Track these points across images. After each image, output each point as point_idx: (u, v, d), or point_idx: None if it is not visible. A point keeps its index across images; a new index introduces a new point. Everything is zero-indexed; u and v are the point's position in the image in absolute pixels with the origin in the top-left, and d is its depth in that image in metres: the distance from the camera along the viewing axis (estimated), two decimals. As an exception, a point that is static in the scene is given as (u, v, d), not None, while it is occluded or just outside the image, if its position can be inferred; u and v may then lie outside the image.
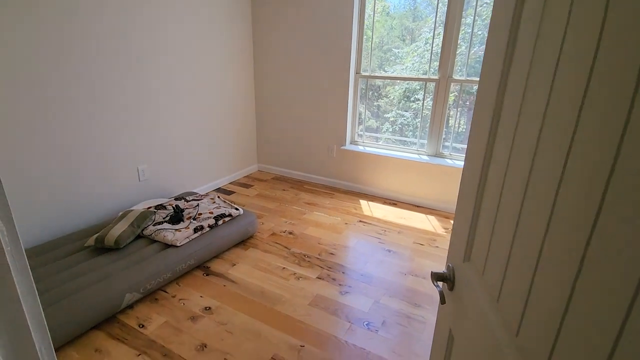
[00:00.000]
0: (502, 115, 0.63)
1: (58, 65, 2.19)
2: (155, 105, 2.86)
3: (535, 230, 0.48)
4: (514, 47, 0.60)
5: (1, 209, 0.43)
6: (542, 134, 0.48)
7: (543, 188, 0.47)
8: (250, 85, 3.87)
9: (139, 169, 2.82)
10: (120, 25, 2.49)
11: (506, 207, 0.58)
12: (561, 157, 0.43)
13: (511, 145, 0.58)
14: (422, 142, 3.35)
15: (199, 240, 2.29)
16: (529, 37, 0.54)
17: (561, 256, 0.41)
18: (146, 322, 1.84)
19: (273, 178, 3.99)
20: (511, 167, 0.57)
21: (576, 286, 0.38)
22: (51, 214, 2.31)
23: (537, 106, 0.50)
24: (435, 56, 3.07)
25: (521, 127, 0.55)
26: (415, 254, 2.55)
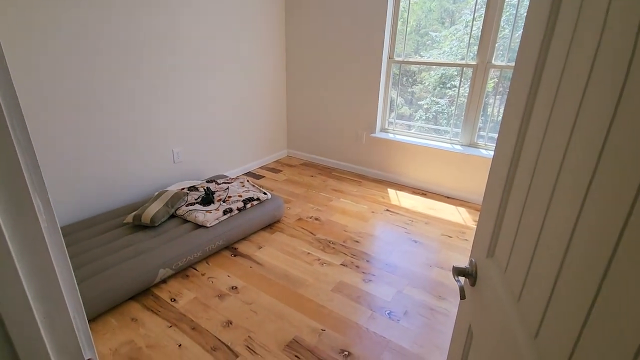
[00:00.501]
0: (534, 108, 0.59)
1: (101, 49, 2.30)
2: (190, 90, 2.94)
3: (562, 232, 0.45)
4: (553, 31, 0.55)
5: (39, 190, 0.46)
6: (575, 130, 0.44)
7: (572, 188, 0.43)
8: (282, 71, 3.88)
9: (173, 152, 2.94)
10: (160, 10, 2.56)
11: (533, 204, 0.55)
12: (593, 156, 0.39)
13: (542, 140, 0.54)
14: (456, 131, 3.23)
15: (228, 222, 2.37)
16: (569, 21, 0.50)
17: (587, 260, 0.39)
18: (177, 296, 1.95)
19: (302, 164, 4.02)
20: (541, 164, 0.54)
21: (600, 292, 0.36)
22: (94, 192, 2.47)
23: (571, 101, 0.46)
24: (474, 40, 2.90)
25: (553, 122, 0.51)
26: (443, 246, 2.49)
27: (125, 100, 2.51)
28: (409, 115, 3.67)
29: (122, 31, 2.39)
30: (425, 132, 3.46)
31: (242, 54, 3.33)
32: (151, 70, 2.62)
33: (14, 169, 0.43)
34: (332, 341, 1.68)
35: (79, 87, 2.25)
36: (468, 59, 2.98)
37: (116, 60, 2.40)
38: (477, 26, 2.88)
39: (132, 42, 2.46)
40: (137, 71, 2.53)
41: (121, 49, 2.41)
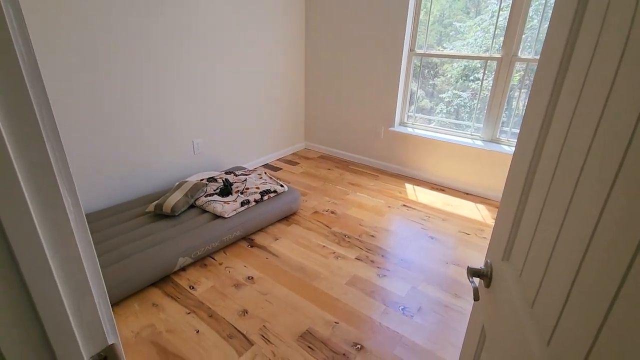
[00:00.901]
0: (557, 107, 0.57)
1: (127, 43, 2.36)
2: (211, 83, 2.98)
3: (579, 240, 0.44)
4: (580, 23, 0.53)
5: (67, 184, 0.49)
6: (598, 133, 0.43)
7: (592, 194, 0.42)
8: (301, 63, 3.87)
9: (194, 143, 3.00)
10: (183, 2, 2.60)
11: (552, 209, 0.54)
12: (615, 161, 0.38)
13: (563, 141, 0.53)
14: (478, 126, 3.15)
15: (245, 214, 2.41)
16: (597, 14, 0.48)
17: (603, 271, 0.38)
18: (196, 284, 2.01)
19: (319, 157, 4.02)
20: (561, 164, 0.53)
21: (615, 302, 0.35)
22: (118, 181, 2.57)
23: (596, 102, 0.45)
24: (500, 31, 2.80)
25: (576, 122, 0.49)
26: (460, 243, 2.46)
27: (149, 93, 2.58)
28: (429, 109, 3.59)
29: (146, 25, 2.44)
30: (446, 126, 3.39)
31: (262, 46, 3.34)
32: (174, 64, 2.67)
33: (44, 165, 0.46)
34: (345, 334, 1.70)
35: (105, 79, 2.32)
36: (493, 50, 2.88)
37: (141, 53, 2.46)
38: (503, 16, 2.77)
39: (156, 37, 2.51)
40: (160, 64, 2.59)
41: (145, 43, 2.46)
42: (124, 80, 2.42)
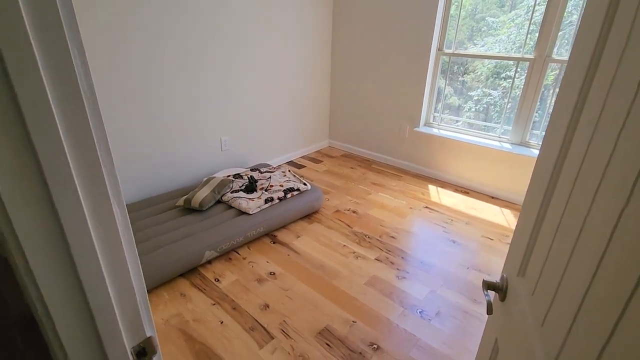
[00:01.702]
0: (580, 119, 0.58)
1: (162, 47, 2.48)
2: (238, 82, 3.07)
3: (589, 262, 0.45)
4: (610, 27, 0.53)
5: (115, 196, 0.55)
6: (616, 149, 0.44)
7: (603, 214, 0.44)
8: (327, 62, 3.89)
9: (221, 140, 3.11)
10: (214, 2, 2.68)
11: (567, 228, 0.55)
12: (628, 183, 0.40)
13: (585, 154, 0.53)
14: (506, 129, 3.06)
15: (268, 211, 2.49)
16: (628, 17, 0.48)
17: (606, 299, 0.40)
18: (221, 277, 2.11)
19: (342, 155, 4.05)
20: (578, 186, 0.54)
21: (615, 332, 0.37)
22: (151, 175, 2.71)
23: (614, 118, 0.46)
24: (535, 26, 2.67)
25: (597, 136, 0.50)
26: (483, 249, 2.43)
27: (181, 93, 2.69)
28: (457, 107, 3.50)
29: (178, 28, 2.54)
30: (472, 128, 3.32)
31: (289, 45, 3.39)
32: (204, 64, 2.77)
33: (96, 173, 0.52)
34: (363, 333, 1.74)
35: (140, 79, 2.45)
36: (527, 47, 2.77)
37: (172, 54, 2.56)
38: (540, 11, 2.65)
39: (187, 38, 2.61)
40: (191, 65, 2.69)
41: (177, 44, 2.57)
42: (157, 80, 2.54)
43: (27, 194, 0.45)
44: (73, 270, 0.52)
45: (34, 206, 0.46)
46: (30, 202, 0.46)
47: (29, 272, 0.49)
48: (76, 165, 0.48)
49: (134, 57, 2.37)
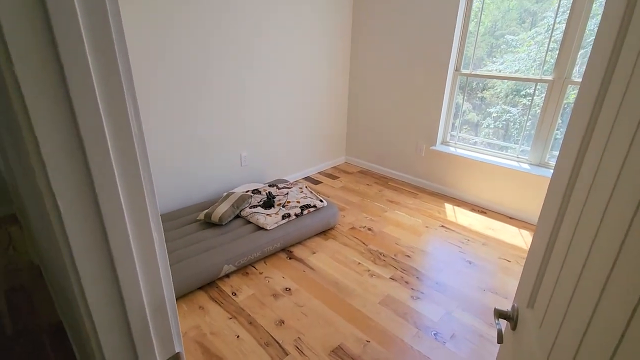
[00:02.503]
0: (590, 144, 0.61)
1: (179, 61, 2.62)
2: (259, 99, 3.18)
3: (589, 299, 0.48)
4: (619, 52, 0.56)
5: (153, 218, 0.62)
6: (619, 180, 0.47)
7: (605, 249, 0.47)
8: (345, 79, 3.98)
9: (241, 156, 3.22)
10: (228, 22, 2.82)
11: (572, 261, 0.58)
12: (624, 226, 0.43)
13: (590, 185, 0.56)
14: (524, 149, 3.04)
15: (285, 226, 2.54)
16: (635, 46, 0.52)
17: (603, 336, 0.42)
18: (238, 291, 2.16)
19: (359, 171, 4.09)
20: (585, 214, 0.57)
21: None
22: (174, 190, 2.82)
23: (619, 146, 0.49)
24: (556, 44, 2.65)
25: (601, 170, 0.54)
26: (500, 270, 2.40)
27: (203, 110, 2.82)
28: (476, 122, 3.49)
29: (201, 47, 2.69)
30: (490, 147, 3.31)
31: (309, 63, 3.50)
32: (225, 82, 2.90)
33: (140, 196, 0.59)
34: (376, 353, 1.75)
35: (164, 97, 2.59)
36: (546, 66, 2.76)
37: (196, 73, 2.70)
38: (560, 30, 2.65)
39: (210, 57, 2.75)
40: (213, 83, 2.82)
41: (200, 64, 2.71)
42: (180, 98, 2.68)
43: (81, 220, 0.52)
44: (117, 285, 0.58)
45: (86, 228, 0.53)
46: (85, 231, 0.53)
47: (78, 283, 0.56)
48: (128, 207, 0.55)
49: (158, 75, 2.52)
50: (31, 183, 0.79)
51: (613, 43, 0.57)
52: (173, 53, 2.52)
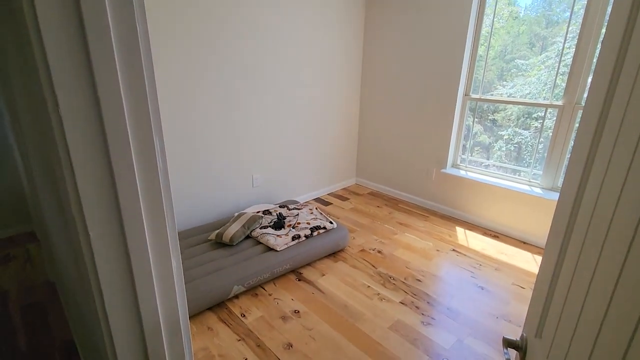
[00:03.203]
0: (592, 170, 0.62)
1: (202, 87, 2.73)
2: (271, 121, 3.27)
3: (591, 330, 0.49)
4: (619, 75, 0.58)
5: (173, 247, 0.65)
6: (618, 205, 0.49)
7: (603, 282, 0.48)
8: (356, 101, 4.07)
9: (253, 177, 3.28)
10: (243, 46, 2.95)
11: (577, 289, 0.58)
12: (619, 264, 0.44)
13: (591, 215, 0.58)
14: (536, 173, 3.02)
15: (295, 248, 2.56)
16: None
17: None
18: (247, 312, 2.16)
19: (369, 193, 4.10)
20: (586, 245, 0.58)
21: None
22: (187, 209, 2.88)
23: (619, 171, 0.51)
24: (567, 68, 2.67)
25: (604, 190, 0.55)
26: (513, 297, 2.34)
27: (217, 132, 2.91)
28: (487, 144, 3.48)
29: (215, 72, 2.81)
30: (501, 170, 3.30)
31: (320, 85, 3.60)
32: (239, 104, 3.00)
33: (162, 226, 0.63)
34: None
35: (178, 118, 2.69)
36: (557, 90, 2.78)
37: (210, 95, 2.81)
38: (570, 54, 2.68)
39: (223, 80, 2.87)
40: (227, 104, 2.93)
41: (214, 85, 2.82)
42: (194, 120, 2.78)
43: (109, 242, 0.56)
44: (136, 307, 0.61)
45: (112, 248, 0.57)
46: (111, 251, 0.57)
47: (101, 298, 0.59)
48: (150, 231, 0.59)
49: (171, 98, 2.63)
50: (61, 208, 0.84)
51: (612, 70, 0.60)
52: (187, 77, 2.64)
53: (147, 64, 0.54)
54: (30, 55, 0.51)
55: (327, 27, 3.45)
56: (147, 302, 0.61)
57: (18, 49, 0.69)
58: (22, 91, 0.90)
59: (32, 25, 0.45)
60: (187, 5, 2.49)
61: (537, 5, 3.02)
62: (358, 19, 3.72)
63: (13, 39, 0.74)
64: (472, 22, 3.04)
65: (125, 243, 0.57)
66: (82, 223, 0.52)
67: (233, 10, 2.74)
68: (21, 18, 0.50)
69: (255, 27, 2.91)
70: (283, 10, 3.06)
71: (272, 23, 3.01)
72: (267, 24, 2.98)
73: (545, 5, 2.97)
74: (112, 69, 0.50)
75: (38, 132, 0.79)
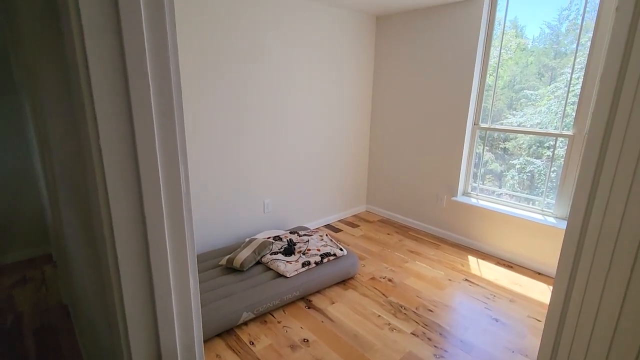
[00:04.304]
0: (595, 201, 0.64)
1: (216, 112, 2.85)
2: (283, 147, 3.36)
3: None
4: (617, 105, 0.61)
5: (192, 270, 0.69)
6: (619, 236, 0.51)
7: (608, 312, 0.49)
8: (366, 130, 4.15)
9: (264, 202, 3.33)
10: (258, 76, 3.08)
11: (583, 324, 0.59)
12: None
13: (595, 246, 0.59)
14: (550, 202, 3.00)
15: (305, 275, 2.55)
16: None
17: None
18: (256, 340, 2.14)
19: (379, 220, 4.10)
20: (592, 276, 0.59)
21: None
22: (196, 234, 2.93)
23: (618, 204, 0.53)
24: (577, 98, 2.70)
25: (603, 235, 0.57)
26: (529, 331, 2.27)
27: (230, 159, 3.00)
28: (499, 173, 3.46)
29: (230, 101, 2.93)
30: (514, 199, 3.28)
31: (331, 114, 3.71)
32: (255, 133, 3.11)
33: (182, 249, 0.66)
34: (397, 417, 1.65)
35: (191, 146, 2.79)
36: (568, 119, 2.79)
37: (221, 122, 2.92)
38: (579, 85, 2.71)
39: (240, 109, 2.98)
40: (242, 135, 3.03)
41: (231, 115, 2.94)
42: (208, 145, 2.87)
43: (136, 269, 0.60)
44: (155, 326, 0.64)
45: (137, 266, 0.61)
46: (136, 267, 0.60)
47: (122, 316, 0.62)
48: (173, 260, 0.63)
49: (187, 125, 2.74)
50: (87, 233, 0.89)
51: (610, 104, 0.64)
52: (200, 103, 2.77)
53: (177, 101, 0.60)
54: (75, 88, 0.57)
55: (338, 59, 3.60)
56: (166, 320, 0.64)
57: (62, 80, 0.76)
58: (57, 120, 0.97)
59: (81, 63, 0.52)
60: (200, 32, 2.65)
61: (544, 37, 3.10)
62: (368, 50, 3.88)
63: (55, 70, 0.82)
64: (479, 53, 3.14)
65: (149, 264, 0.60)
66: (112, 243, 0.56)
67: (247, 39, 2.90)
68: (70, 50, 0.57)
69: (269, 57, 3.06)
70: (298, 42, 3.22)
71: (287, 54, 3.16)
72: (282, 54, 3.13)
73: (552, 37, 3.05)
74: (148, 109, 0.56)
75: (72, 159, 0.85)
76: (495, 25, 3.10)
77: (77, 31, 0.49)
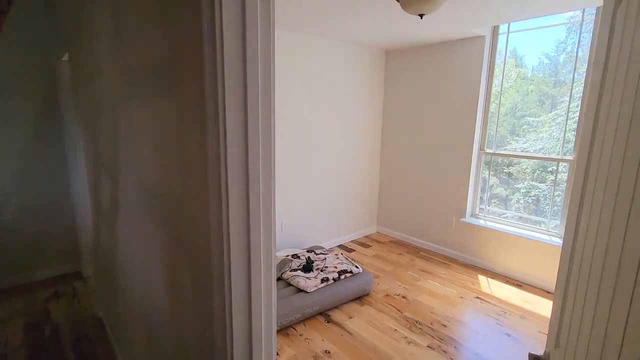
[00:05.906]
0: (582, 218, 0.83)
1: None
2: (299, 171, 3.57)
3: (600, 340, 0.67)
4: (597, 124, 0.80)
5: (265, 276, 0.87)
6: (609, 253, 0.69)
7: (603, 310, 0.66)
8: (377, 153, 4.38)
9: (282, 223, 3.50)
10: (283, 98, 3.34)
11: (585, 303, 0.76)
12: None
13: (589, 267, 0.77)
14: (556, 224, 3.15)
15: (324, 290, 2.69)
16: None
17: None
18: (280, 351, 2.26)
19: (390, 241, 4.24)
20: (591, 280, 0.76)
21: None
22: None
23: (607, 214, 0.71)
24: (574, 125, 2.89)
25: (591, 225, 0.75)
26: (541, 345, 2.37)
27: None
28: (505, 197, 3.63)
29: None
30: (522, 221, 3.43)
31: (344, 138, 3.94)
32: (278, 160, 3.33)
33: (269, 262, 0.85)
34: (418, 422, 1.75)
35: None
36: (570, 145, 2.98)
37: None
38: (578, 112, 2.89)
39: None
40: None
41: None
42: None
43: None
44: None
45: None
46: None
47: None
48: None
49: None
50: (166, 248, 1.08)
51: (590, 134, 0.83)
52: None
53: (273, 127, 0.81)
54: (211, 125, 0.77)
55: (351, 86, 3.88)
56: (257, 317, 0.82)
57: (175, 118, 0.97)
58: (146, 146, 1.18)
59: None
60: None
61: (543, 67, 3.34)
62: (378, 81, 4.17)
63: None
64: (483, 81, 3.40)
65: (249, 270, 0.79)
66: (228, 252, 0.76)
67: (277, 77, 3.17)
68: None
69: (285, 81, 3.33)
70: (314, 75, 3.50)
71: (302, 80, 3.44)
72: (296, 80, 3.41)
73: (551, 67, 3.29)
74: (256, 139, 0.77)
75: (166, 182, 1.05)
76: (496, 55, 3.37)
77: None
